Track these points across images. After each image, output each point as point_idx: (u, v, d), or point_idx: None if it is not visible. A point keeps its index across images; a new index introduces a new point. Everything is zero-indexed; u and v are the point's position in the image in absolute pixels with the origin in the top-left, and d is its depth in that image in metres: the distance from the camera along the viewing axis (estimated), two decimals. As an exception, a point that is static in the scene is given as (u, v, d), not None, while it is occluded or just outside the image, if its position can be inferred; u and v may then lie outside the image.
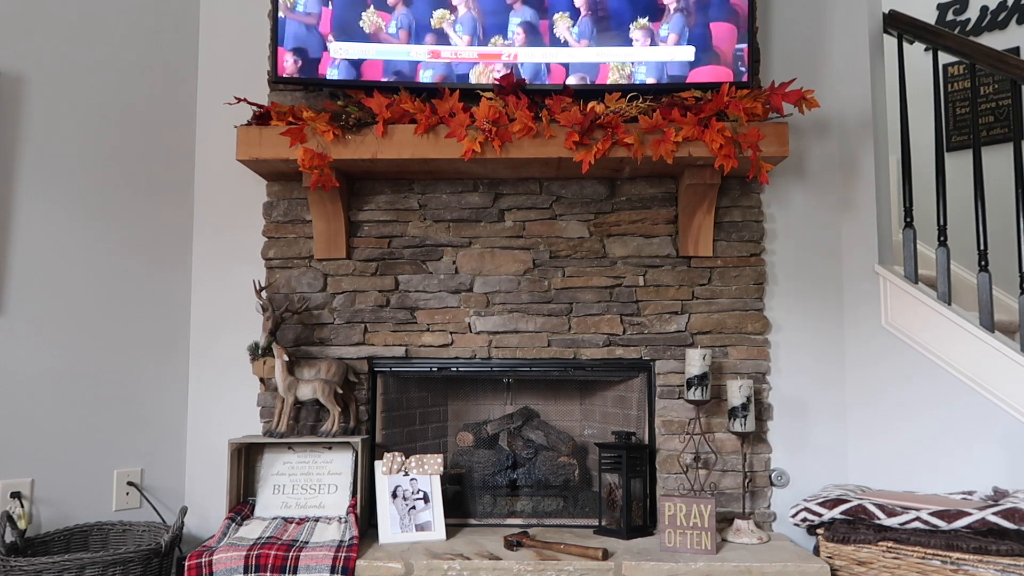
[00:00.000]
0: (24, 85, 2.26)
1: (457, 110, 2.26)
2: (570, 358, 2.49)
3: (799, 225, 2.58)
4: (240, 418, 2.55)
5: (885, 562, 1.99)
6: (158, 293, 2.54)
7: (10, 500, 2.16)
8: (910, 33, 2.63)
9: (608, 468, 2.39)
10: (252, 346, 2.36)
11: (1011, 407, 2.22)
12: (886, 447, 2.43)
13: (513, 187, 2.53)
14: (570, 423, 2.83)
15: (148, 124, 2.54)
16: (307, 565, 2.00)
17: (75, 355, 2.34)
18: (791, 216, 2.58)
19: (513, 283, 2.51)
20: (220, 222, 2.63)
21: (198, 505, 2.54)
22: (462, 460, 2.63)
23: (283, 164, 2.33)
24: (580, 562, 2.05)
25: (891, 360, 2.45)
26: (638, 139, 2.22)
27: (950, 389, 2.33)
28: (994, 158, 3.57)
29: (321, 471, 2.36)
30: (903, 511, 2.00)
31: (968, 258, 3.21)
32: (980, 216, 2.38)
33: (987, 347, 2.27)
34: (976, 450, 2.28)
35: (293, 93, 2.52)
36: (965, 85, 3.83)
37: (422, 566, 2.04)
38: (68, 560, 1.92)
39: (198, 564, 2.01)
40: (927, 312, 2.39)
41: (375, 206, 2.53)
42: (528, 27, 2.36)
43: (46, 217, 2.29)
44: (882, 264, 2.52)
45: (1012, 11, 3.73)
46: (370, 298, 2.51)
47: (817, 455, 2.50)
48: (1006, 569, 1.85)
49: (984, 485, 2.26)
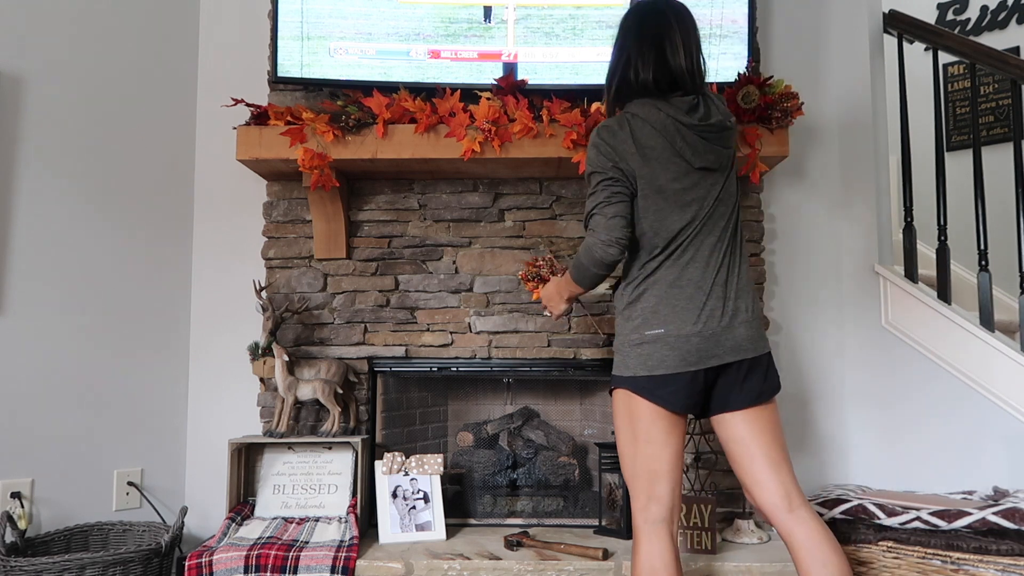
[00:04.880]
0: (24, 85, 2.26)
1: (457, 110, 2.26)
2: (570, 358, 2.49)
3: (799, 225, 2.58)
4: (240, 418, 2.55)
5: (885, 562, 1.99)
6: (158, 293, 2.54)
7: (10, 500, 2.16)
8: (910, 33, 2.63)
9: (608, 468, 2.39)
10: (252, 346, 2.36)
11: (1011, 407, 2.22)
12: (886, 447, 2.43)
13: (513, 187, 2.53)
14: (570, 423, 2.83)
15: (148, 124, 2.54)
16: (307, 565, 2.00)
17: (75, 355, 2.34)
18: (791, 216, 2.58)
19: (513, 283, 2.51)
20: (220, 222, 2.63)
21: (198, 505, 2.54)
22: (462, 460, 2.63)
23: (283, 164, 2.33)
24: (580, 562, 2.05)
25: (891, 360, 2.45)
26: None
27: (950, 389, 2.33)
28: (994, 158, 3.57)
29: (321, 471, 2.36)
30: (903, 511, 2.00)
31: (968, 258, 3.21)
32: (980, 216, 2.38)
33: (987, 347, 2.27)
34: (976, 450, 2.28)
35: (293, 93, 2.52)
36: (965, 85, 3.83)
37: (422, 566, 2.04)
38: (68, 560, 1.92)
39: (198, 564, 2.01)
40: (927, 312, 2.39)
41: (375, 206, 2.53)
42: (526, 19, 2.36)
43: (46, 217, 2.29)
44: (882, 264, 2.52)
45: (1012, 11, 3.73)
46: (370, 298, 2.51)
47: (817, 455, 2.50)
48: (1006, 569, 1.85)
49: (984, 485, 2.26)
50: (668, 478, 1.67)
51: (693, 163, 1.68)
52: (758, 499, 1.69)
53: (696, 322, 1.64)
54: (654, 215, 1.68)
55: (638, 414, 1.67)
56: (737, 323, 1.66)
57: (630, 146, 1.67)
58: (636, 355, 1.68)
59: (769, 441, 1.68)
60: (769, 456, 1.67)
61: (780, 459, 1.68)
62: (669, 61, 1.70)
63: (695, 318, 1.64)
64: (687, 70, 1.71)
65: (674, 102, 1.69)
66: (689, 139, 1.68)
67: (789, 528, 1.65)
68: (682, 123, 1.68)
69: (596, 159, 1.71)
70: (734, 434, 1.70)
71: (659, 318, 1.66)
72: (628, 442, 1.70)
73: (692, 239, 1.69)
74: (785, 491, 1.66)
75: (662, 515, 1.65)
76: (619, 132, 1.69)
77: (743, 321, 1.67)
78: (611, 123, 1.71)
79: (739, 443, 1.69)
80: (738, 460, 1.71)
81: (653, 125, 1.68)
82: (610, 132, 1.70)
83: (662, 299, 1.67)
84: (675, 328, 1.65)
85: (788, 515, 1.65)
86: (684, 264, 1.68)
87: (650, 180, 1.68)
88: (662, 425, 1.67)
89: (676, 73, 1.70)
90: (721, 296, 1.67)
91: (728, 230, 1.72)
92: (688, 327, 1.64)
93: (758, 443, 1.68)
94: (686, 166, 1.68)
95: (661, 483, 1.66)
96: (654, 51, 1.71)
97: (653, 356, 1.65)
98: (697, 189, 1.69)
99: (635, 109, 1.71)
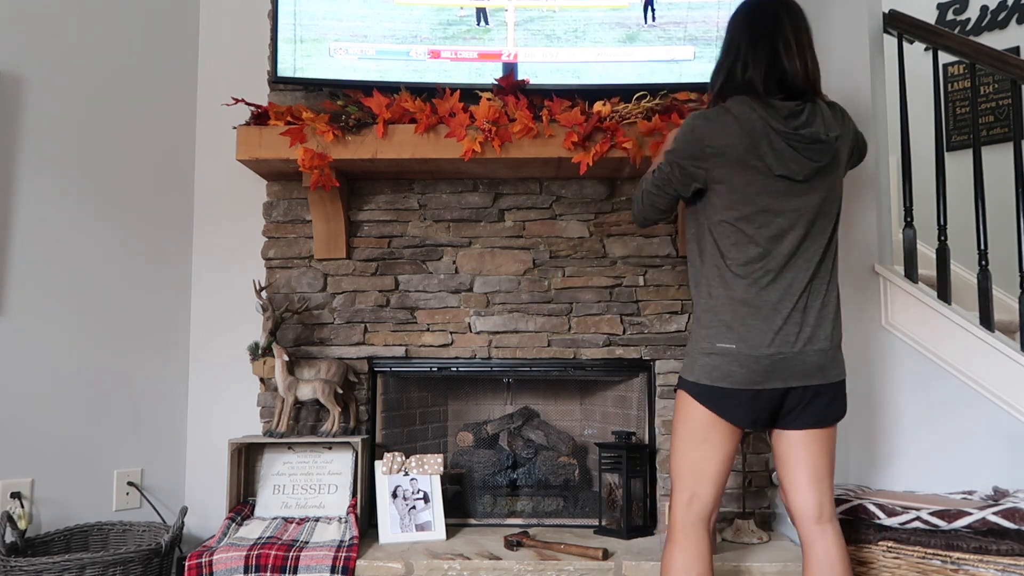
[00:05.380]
0: (24, 85, 2.26)
1: (457, 110, 2.26)
2: (570, 358, 2.49)
3: (799, 225, 2.57)
4: (240, 418, 2.55)
5: (885, 562, 1.99)
6: (158, 293, 2.54)
7: (10, 500, 2.16)
8: (910, 33, 2.63)
9: (608, 468, 2.39)
10: (252, 346, 2.36)
11: (1011, 407, 2.22)
12: (886, 447, 2.43)
13: (513, 187, 2.53)
14: (570, 423, 2.83)
15: (148, 124, 2.54)
16: (307, 565, 2.00)
17: (75, 355, 2.34)
18: (791, 216, 2.57)
19: (513, 283, 2.51)
20: (220, 222, 2.63)
21: (198, 505, 2.54)
22: (462, 460, 2.63)
23: (283, 164, 2.33)
24: (580, 562, 2.05)
25: (891, 360, 2.44)
26: (637, 143, 2.22)
27: (950, 389, 2.33)
28: (994, 158, 3.57)
29: (321, 471, 2.36)
30: (903, 511, 2.00)
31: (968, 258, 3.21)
32: (980, 216, 2.38)
33: (987, 347, 2.27)
34: (976, 450, 2.28)
35: (293, 93, 2.52)
36: (965, 85, 3.83)
37: (422, 566, 2.04)
38: (68, 560, 1.92)
39: (198, 564, 2.01)
40: (927, 312, 2.39)
41: (375, 206, 2.53)
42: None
43: (46, 217, 2.29)
44: (882, 264, 2.51)
45: (1012, 11, 3.73)
46: (370, 298, 2.51)
47: (817, 455, 2.49)
48: (1006, 569, 1.85)
49: (984, 485, 2.26)
50: (715, 481, 1.70)
51: (773, 169, 1.65)
52: (792, 502, 1.74)
53: (770, 344, 1.64)
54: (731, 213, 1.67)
55: (696, 416, 1.69)
56: (811, 349, 1.66)
57: (716, 138, 1.66)
58: (703, 364, 1.68)
59: (817, 459, 1.72)
60: (815, 468, 1.71)
61: (824, 474, 1.72)
62: (782, 62, 1.68)
63: (769, 341, 1.64)
64: (799, 72, 1.68)
65: (774, 104, 1.66)
66: (776, 144, 1.64)
67: (812, 538, 1.70)
68: (772, 127, 1.64)
69: (680, 140, 1.72)
70: (788, 446, 1.73)
71: (733, 334, 1.66)
72: (682, 440, 1.72)
73: (775, 255, 1.65)
74: (819, 502, 1.71)
75: (703, 514, 1.70)
76: (712, 123, 1.68)
77: (819, 349, 1.66)
78: (710, 112, 1.71)
79: (789, 454, 1.73)
80: (784, 463, 1.75)
81: (742, 124, 1.65)
82: (705, 119, 1.70)
83: (737, 316, 1.66)
84: (747, 348, 1.64)
85: (815, 525, 1.70)
86: (764, 285, 1.65)
87: (724, 179, 1.67)
88: (719, 430, 1.69)
89: (787, 75, 1.68)
90: (799, 322, 1.65)
91: (818, 252, 1.68)
92: (760, 348, 1.64)
93: (807, 456, 1.72)
94: (765, 170, 1.65)
95: (706, 484, 1.70)
96: (767, 50, 1.69)
97: (719, 368, 1.66)
98: (779, 200, 1.66)
99: (731, 104, 1.69)
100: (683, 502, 1.71)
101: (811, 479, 1.71)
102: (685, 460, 1.72)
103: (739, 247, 1.67)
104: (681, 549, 1.69)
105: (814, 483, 1.71)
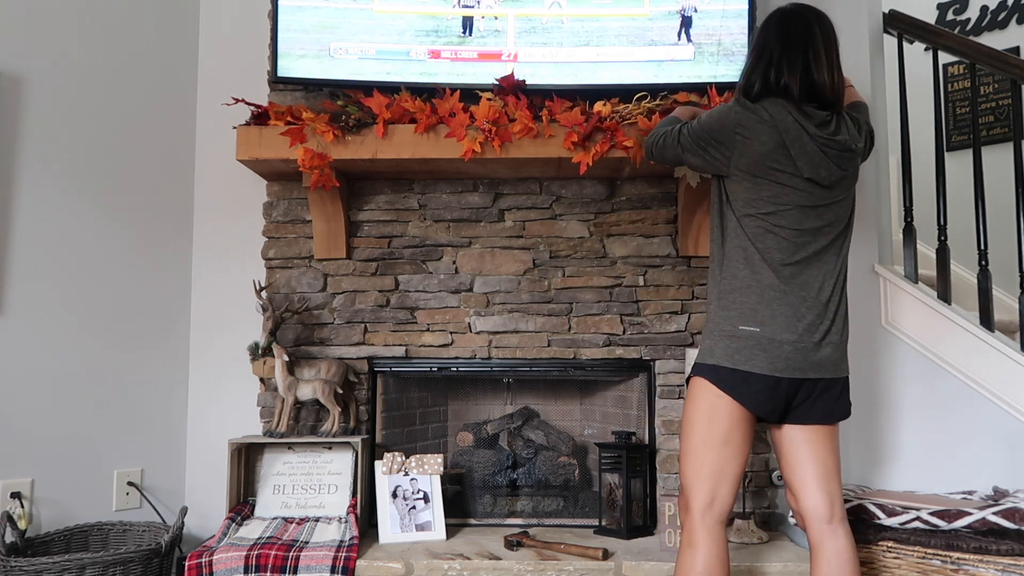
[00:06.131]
0: (24, 85, 2.26)
1: (457, 110, 2.26)
2: (570, 358, 2.49)
3: (799, 225, 2.57)
4: (240, 418, 2.55)
5: (885, 562, 1.99)
6: (158, 293, 2.54)
7: (10, 500, 2.16)
8: (910, 33, 2.63)
9: (608, 468, 2.39)
10: (252, 346, 2.36)
11: (1011, 407, 2.22)
12: (886, 447, 2.43)
13: (513, 187, 2.53)
14: (570, 423, 2.83)
15: (148, 124, 2.54)
16: (307, 565, 2.00)
17: (75, 355, 2.34)
18: (791, 216, 2.57)
19: (513, 283, 2.51)
20: (220, 222, 2.63)
21: (198, 505, 2.54)
22: (462, 460, 2.63)
23: (283, 164, 2.33)
24: (580, 562, 2.05)
25: (891, 360, 2.45)
26: (637, 142, 2.22)
27: (950, 389, 2.33)
28: (994, 158, 3.57)
29: (321, 471, 2.36)
30: (903, 511, 2.00)
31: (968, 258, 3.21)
32: (980, 216, 2.38)
33: (987, 347, 2.27)
34: (976, 450, 2.28)
35: (293, 93, 2.52)
36: (965, 85, 3.83)
37: (422, 566, 2.04)
38: (68, 560, 1.92)
39: (198, 564, 2.01)
40: (927, 312, 2.39)
41: (375, 206, 2.53)
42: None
43: (46, 217, 2.29)
44: (882, 264, 2.52)
45: (1012, 11, 3.73)
46: (370, 298, 2.51)
47: (817, 455, 2.49)
48: (1006, 569, 1.85)
49: (984, 485, 2.26)
50: (735, 481, 1.70)
51: (802, 172, 1.67)
52: (801, 503, 1.72)
53: (794, 332, 1.65)
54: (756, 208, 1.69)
55: (720, 414, 1.68)
56: (826, 343, 1.68)
57: (750, 127, 1.68)
58: (725, 346, 1.67)
59: (825, 458, 1.71)
60: (824, 467, 1.71)
61: (832, 472, 1.72)
62: (812, 73, 1.70)
63: (793, 328, 1.65)
64: (827, 84, 1.71)
65: (808, 111, 1.69)
66: (808, 147, 1.67)
67: (821, 538, 1.69)
68: (807, 131, 1.67)
69: (716, 117, 1.73)
70: (792, 442, 1.73)
71: (757, 317, 1.66)
72: (702, 439, 1.69)
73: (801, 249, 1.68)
74: (830, 502, 1.70)
75: (723, 516, 1.69)
76: (750, 112, 1.69)
77: (832, 343, 1.68)
78: (748, 103, 1.72)
79: (795, 452, 1.73)
80: (790, 463, 1.74)
81: (776, 124, 1.67)
82: (743, 106, 1.71)
83: (763, 300, 1.67)
84: (771, 332, 1.65)
85: (825, 525, 1.69)
86: (790, 276, 1.67)
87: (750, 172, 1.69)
88: (744, 428, 1.68)
89: (817, 86, 1.70)
90: (821, 314, 1.67)
91: (835, 253, 1.72)
92: (785, 334, 1.64)
93: (813, 454, 1.71)
94: (793, 171, 1.67)
95: (727, 484, 1.69)
96: (800, 59, 1.71)
97: (742, 351, 1.65)
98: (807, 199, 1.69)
99: (766, 104, 1.70)
100: (702, 505, 1.68)
101: (820, 478, 1.70)
102: (705, 461, 1.68)
103: (765, 238, 1.69)
104: (705, 554, 1.65)
105: (823, 482, 1.70)
